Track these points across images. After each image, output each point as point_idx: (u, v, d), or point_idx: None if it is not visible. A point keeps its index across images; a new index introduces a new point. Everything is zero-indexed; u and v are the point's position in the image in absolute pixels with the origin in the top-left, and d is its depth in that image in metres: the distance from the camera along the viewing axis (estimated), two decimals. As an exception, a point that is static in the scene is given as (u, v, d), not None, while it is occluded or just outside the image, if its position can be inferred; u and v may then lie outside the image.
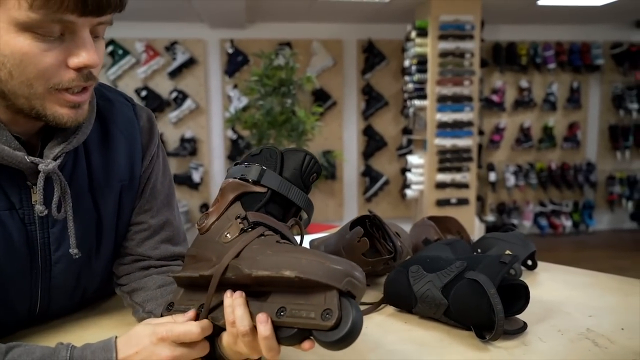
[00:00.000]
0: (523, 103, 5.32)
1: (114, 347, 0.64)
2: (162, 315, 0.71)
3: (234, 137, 5.03)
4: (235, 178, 0.72)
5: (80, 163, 0.78)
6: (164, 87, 4.90)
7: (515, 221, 5.35)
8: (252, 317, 0.60)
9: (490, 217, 5.29)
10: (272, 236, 0.66)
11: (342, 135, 5.24)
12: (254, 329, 0.60)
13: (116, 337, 0.66)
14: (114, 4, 0.63)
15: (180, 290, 0.71)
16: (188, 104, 4.91)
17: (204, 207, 5.08)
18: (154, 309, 0.80)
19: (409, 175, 4.52)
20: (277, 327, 0.59)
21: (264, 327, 0.58)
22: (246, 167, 0.71)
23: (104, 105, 0.80)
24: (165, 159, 0.91)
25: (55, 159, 0.71)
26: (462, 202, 4.34)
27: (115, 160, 0.82)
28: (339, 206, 5.31)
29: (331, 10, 4.49)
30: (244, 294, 0.62)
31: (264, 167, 0.71)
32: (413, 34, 4.30)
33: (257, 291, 0.62)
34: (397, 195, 5.35)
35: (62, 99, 0.66)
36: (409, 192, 4.53)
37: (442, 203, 4.32)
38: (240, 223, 0.67)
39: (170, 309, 0.71)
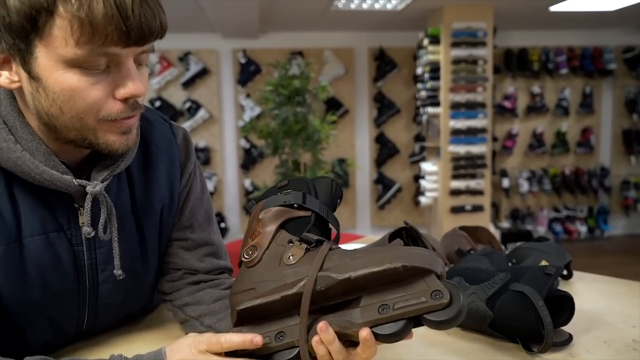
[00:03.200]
0: (535, 109, 5.31)
1: (165, 356, 0.66)
2: None
3: (247, 146, 5.05)
4: (277, 206, 0.72)
5: (123, 186, 0.79)
6: (177, 97, 4.94)
7: (529, 227, 5.31)
8: (347, 327, 0.60)
9: (505, 224, 5.27)
10: (339, 248, 0.67)
11: (354, 143, 5.25)
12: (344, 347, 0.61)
13: (165, 348, 0.68)
14: (156, 31, 0.63)
15: (239, 329, 0.67)
16: (201, 113, 4.94)
17: (217, 215, 5.10)
18: (214, 323, 0.81)
19: (422, 182, 4.52)
20: (380, 327, 0.59)
21: (368, 339, 0.59)
22: (285, 194, 0.72)
23: (144, 126, 0.81)
24: (202, 175, 0.92)
25: (103, 182, 0.72)
26: (477, 208, 4.32)
27: (156, 181, 0.83)
28: (352, 214, 5.30)
29: (343, 19, 4.52)
30: (328, 326, 0.61)
31: (303, 192, 0.73)
32: (425, 42, 4.31)
33: (341, 303, 0.62)
34: (410, 202, 5.34)
35: (113, 126, 0.67)
36: (423, 200, 4.52)
37: (457, 210, 4.30)
38: (300, 244, 0.67)
39: None
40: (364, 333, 0.59)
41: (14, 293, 0.70)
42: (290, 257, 0.66)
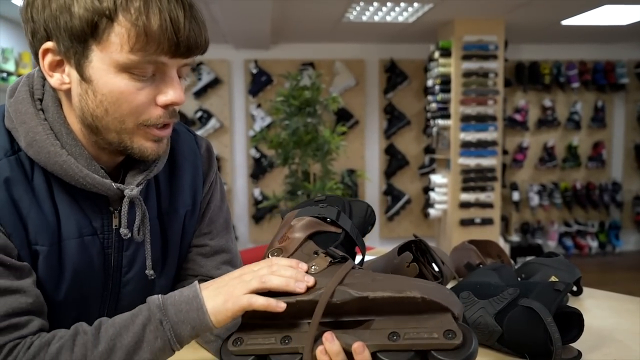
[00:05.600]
0: (547, 122, 5.29)
1: (197, 282, 0.70)
2: (223, 352, 0.68)
3: (257, 155, 5.08)
4: (311, 217, 0.74)
5: (151, 191, 0.82)
6: (189, 106, 4.99)
7: (539, 241, 5.27)
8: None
9: (515, 237, 5.23)
10: (362, 269, 0.67)
11: (364, 154, 5.26)
12: None
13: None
14: (200, 46, 0.69)
15: (245, 325, 0.68)
16: (212, 123, 4.99)
17: (227, 225, 5.11)
18: (223, 332, 0.81)
19: (432, 194, 4.51)
20: (386, 353, 0.59)
21: (360, 352, 0.59)
22: (322, 207, 0.75)
23: (171, 136, 0.84)
24: (222, 185, 0.95)
25: (137, 186, 0.75)
26: (487, 222, 4.30)
27: (181, 188, 0.86)
28: (361, 225, 5.29)
29: (354, 31, 4.55)
30: (335, 337, 0.61)
31: (339, 209, 0.74)
32: (436, 54, 4.33)
33: (353, 320, 0.62)
34: (419, 214, 5.32)
35: (149, 133, 0.71)
36: (432, 212, 4.51)
37: (466, 223, 4.28)
38: (326, 256, 0.68)
39: (239, 344, 0.65)
40: (356, 345, 0.59)
41: (47, 293, 0.73)
42: (313, 267, 0.67)
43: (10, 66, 3.61)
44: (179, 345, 0.67)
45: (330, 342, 0.60)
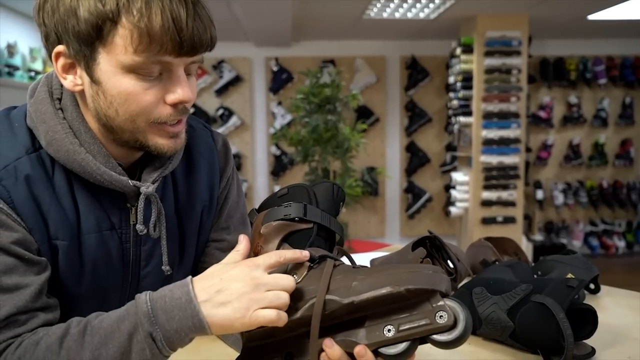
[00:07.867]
0: (572, 119, 5.18)
1: (190, 280, 0.66)
2: None
3: (278, 153, 5.11)
4: (277, 220, 0.72)
5: (168, 187, 0.84)
6: (210, 104, 5.05)
7: (564, 241, 5.17)
8: (353, 347, 0.61)
9: (539, 237, 5.14)
10: (342, 264, 0.67)
11: (385, 152, 5.25)
12: None
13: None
14: (206, 44, 0.69)
15: (247, 350, 0.68)
16: (233, 120, 5.04)
17: (248, 221, 5.16)
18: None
19: (453, 192, 4.47)
20: (385, 348, 0.60)
21: (362, 354, 0.60)
22: (285, 207, 0.72)
23: (187, 132, 0.85)
24: (239, 180, 0.97)
25: (153, 183, 0.77)
26: (509, 220, 4.24)
27: (197, 184, 0.87)
28: (381, 222, 5.29)
29: (375, 27, 4.54)
30: (334, 342, 0.62)
31: (304, 203, 0.72)
32: (458, 51, 4.29)
33: (347, 321, 0.62)
34: (440, 212, 5.28)
35: (162, 130, 0.73)
36: (453, 210, 4.47)
37: (488, 221, 4.23)
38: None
39: None
40: (358, 348, 0.60)
41: (68, 286, 0.76)
42: (294, 276, 0.66)
43: (38, 65, 3.71)
44: (173, 352, 0.65)
45: (330, 347, 0.62)
